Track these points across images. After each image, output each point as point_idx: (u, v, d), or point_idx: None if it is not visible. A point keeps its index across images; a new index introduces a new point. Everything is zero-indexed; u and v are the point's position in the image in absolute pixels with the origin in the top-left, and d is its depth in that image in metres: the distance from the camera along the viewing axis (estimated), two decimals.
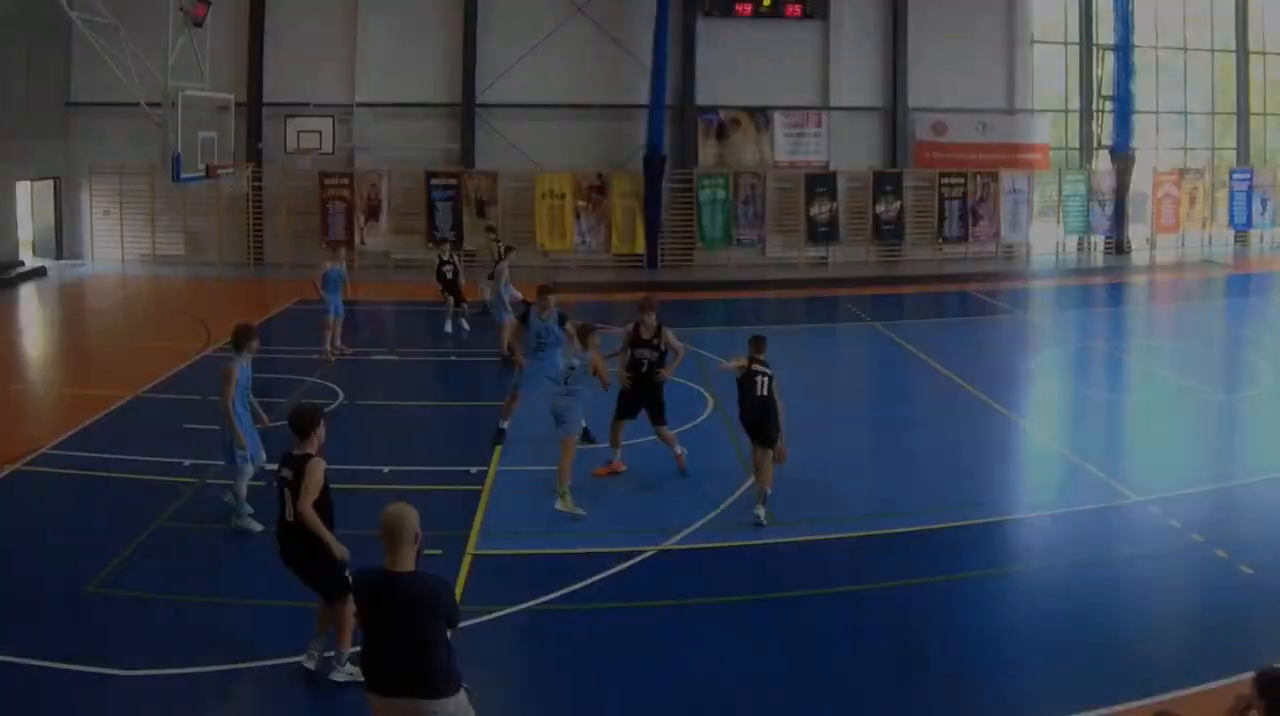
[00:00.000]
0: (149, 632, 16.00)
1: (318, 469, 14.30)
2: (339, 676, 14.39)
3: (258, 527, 19.94)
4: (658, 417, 23.40)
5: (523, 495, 22.34)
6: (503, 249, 38.39)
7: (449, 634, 10.94)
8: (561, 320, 25.68)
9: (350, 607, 13.76)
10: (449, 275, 37.66)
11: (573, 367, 22.49)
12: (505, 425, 25.49)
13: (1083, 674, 14.92)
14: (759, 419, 20.87)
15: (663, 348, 23.66)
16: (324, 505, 14.28)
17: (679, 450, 23.27)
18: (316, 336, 33.49)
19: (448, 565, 17.50)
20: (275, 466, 14.88)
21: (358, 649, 11.84)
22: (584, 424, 23.32)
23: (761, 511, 20.45)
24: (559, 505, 21.13)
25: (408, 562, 10.76)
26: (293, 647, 14.82)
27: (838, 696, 14.68)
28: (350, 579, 11.02)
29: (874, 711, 14.43)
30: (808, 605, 17.59)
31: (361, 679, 13.53)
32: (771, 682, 14.99)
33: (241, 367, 20.20)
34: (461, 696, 10.85)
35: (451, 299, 37.54)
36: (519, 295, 33.32)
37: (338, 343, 34.13)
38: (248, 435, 20.20)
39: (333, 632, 14.63)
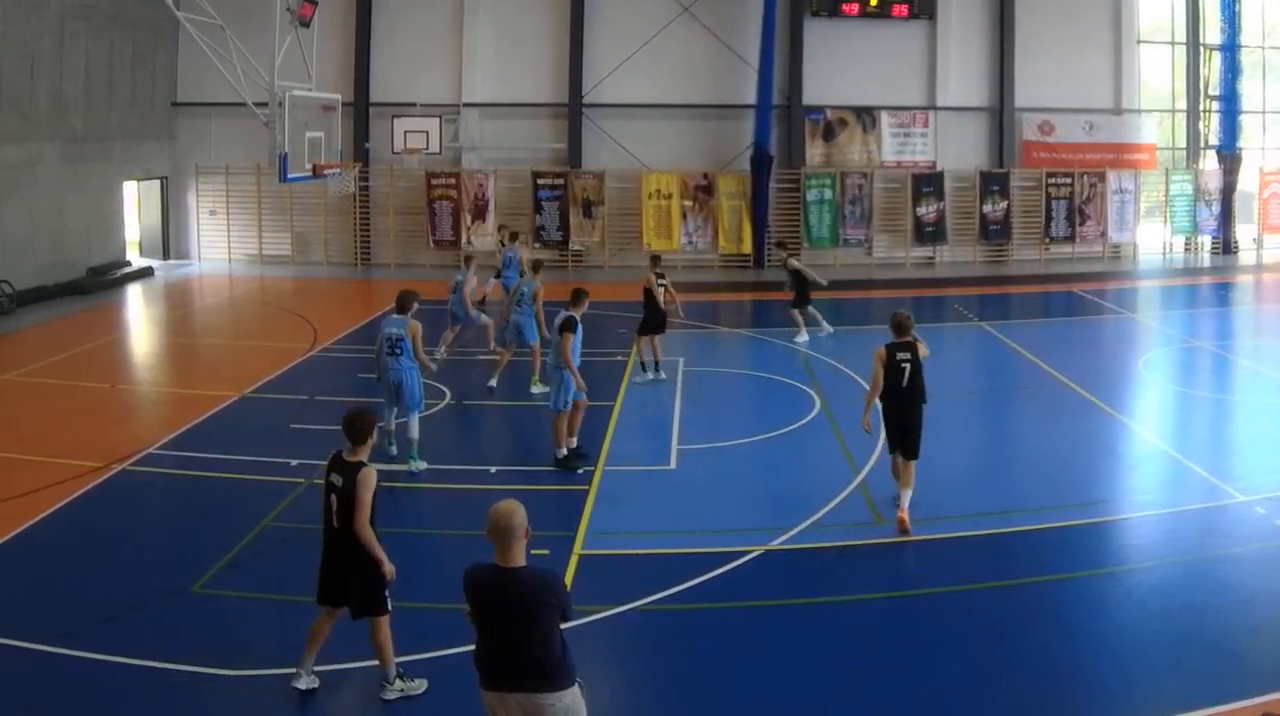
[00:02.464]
0: (254, 633, 15.68)
1: (371, 480, 13.72)
2: (390, 694, 14.03)
3: None
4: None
5: (629, 495, 21.91)
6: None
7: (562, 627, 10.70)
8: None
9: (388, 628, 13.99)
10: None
11: None
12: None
13: (1188, 672, 14.57)
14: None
15: None
16: (370, 515, 13.70)
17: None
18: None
19: (555, 565, 16.94)
20: (328, 466, 14.07)
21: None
22: None
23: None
24: None
25: (519, 558, 10.45)
26: (399, 648, 14.34)
27: (943, 695, 14.26)
28: (462, 576, 10.54)
29: (980, 710, 13.98)
30: (914, 605, 17.18)
31: (416, 693, 14.01)
32: (877, 682, 14.63)
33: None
34: (575, 689, 10.59)
35: None
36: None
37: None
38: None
39: (301, 651, 14.21)
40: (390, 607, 13.93)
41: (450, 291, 32.88)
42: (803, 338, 36.07)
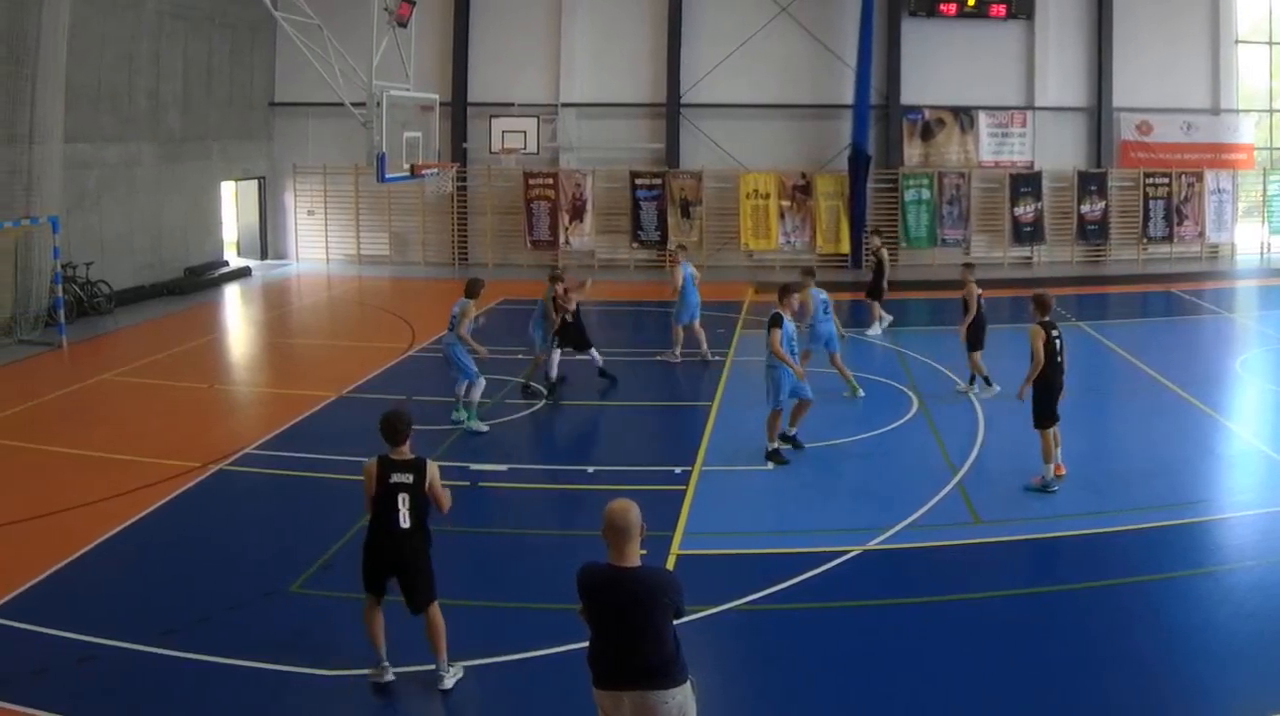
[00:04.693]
0: (352, 633, 15.22)
1: (438, 470, 14.11)
2: (449, 683, 14.12)
3: None
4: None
5: (726, 495, 21.63)
6: None
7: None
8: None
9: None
10: None
11: None
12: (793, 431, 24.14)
13: None
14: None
15: None
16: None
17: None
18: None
19: (652, 564, 16.68)
20: (377, 470, 14.03)
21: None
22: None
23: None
24: None
25: (634, 557, 10.38)
26: (489, 646, 14.80)
27: (1040, 694, 14.06)
28: (576, 575, 10.49)
29: (1078, 709, 13.75)
30: (1011, 605, 16.98)
31: (459, 677, 14.09)
32: (975, 681, 14.45)
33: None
34: (688, 686, 10.45)
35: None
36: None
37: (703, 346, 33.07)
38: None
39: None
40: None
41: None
42: (874, 330, 35.72)
